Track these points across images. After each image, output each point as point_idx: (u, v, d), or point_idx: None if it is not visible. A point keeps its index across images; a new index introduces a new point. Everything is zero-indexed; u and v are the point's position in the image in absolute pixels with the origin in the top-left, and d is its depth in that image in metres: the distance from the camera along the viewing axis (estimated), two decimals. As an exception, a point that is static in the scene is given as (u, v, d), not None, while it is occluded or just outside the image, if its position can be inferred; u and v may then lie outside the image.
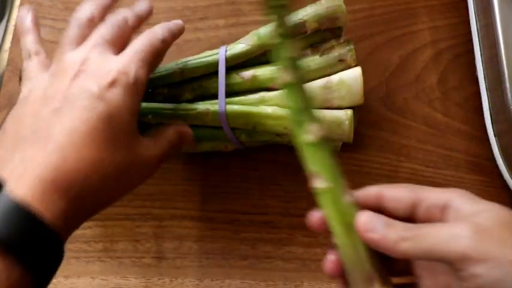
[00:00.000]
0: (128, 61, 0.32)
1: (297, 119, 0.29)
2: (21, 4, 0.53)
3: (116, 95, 0.30)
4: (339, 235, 0.28)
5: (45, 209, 0.26)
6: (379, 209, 0.29)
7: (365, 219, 0.28)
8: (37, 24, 0.38)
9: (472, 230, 0.25)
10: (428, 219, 0.28)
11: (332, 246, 0.29)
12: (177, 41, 0.50)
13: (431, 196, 0.28)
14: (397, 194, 0.29)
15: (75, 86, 0.30)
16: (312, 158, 0.29)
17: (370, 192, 0.30)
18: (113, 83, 0.30)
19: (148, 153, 0.32)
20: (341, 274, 0.29)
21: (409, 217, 0.29)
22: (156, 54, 0.34)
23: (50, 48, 0.51)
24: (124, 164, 0.30)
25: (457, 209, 0.27)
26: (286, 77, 0.28)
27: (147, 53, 0.33)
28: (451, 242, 0.25)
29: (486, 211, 0.27)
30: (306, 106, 0.29)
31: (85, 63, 0.32)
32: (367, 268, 0.28)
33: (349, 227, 0.28)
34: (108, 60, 0.32)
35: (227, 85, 0.41)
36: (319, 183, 0.29)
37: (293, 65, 0.29)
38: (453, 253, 0.25)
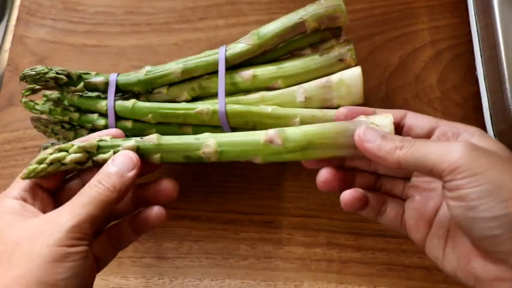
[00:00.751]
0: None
1: None
2: (21, 4, 0.53)
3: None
4: None
5: None
6: (400, 126, 0.33)
7: (362, 131, 0.31)
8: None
9: (467, 147, 0.27)
10: (443, 139, 0.31)
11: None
12: (177, 40, 0.50)
13: (450, 125, 0.32)
14: (421, 117, 0.33)
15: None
16: None
17: (398, 111, 0.34)
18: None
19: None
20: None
21: (427, 136, 0.32)
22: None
23: (50, 48, 0.52)
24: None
25: (468, 136, 0.30)
26: None
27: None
28: (445, 153, 0.27)
29: (490, 147, 0.29)
30: None
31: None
32: None
33: None
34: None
35: (227, 85, 0.41)
36: None
37: None
38: (445, 163, 0.27)
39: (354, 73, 0.39)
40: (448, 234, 0.31)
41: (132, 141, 0.34)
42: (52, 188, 0.34)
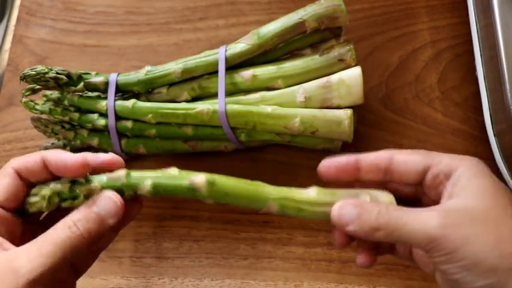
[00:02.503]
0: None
1: None
2: (21, 4, 0.53)
3: None
4: None
5: None
6: (387, 172, 0.30)
7: (337, 213, 0.29)
8: None
9: (440, 221, 0.26)
10: (434, 186, 0.29)
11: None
12: (177, 41, 0.50)
13: (441, 163, 0.29)
14: (409, 158, 0.30)
15: None
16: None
17: (382, 155, 0.31)
18: None
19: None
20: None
21: (419, 182, 0.30)
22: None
23: (50, 48, 0.52)
24: None
25: (456, 181, 0.28)
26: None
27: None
28: (419, 233, 0.27)
29: (476, 192, 0.28)
30: None
31: None
32: None
33: None
34: None
35: (227, 85, 0.41)
36: None
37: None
38: (422, 242, 0.27)
39: (354, 73, 0.39)
40: None
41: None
42: (16, 207, 0.30)
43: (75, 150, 0.45)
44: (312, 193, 0.31)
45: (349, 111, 0.39)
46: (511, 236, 0.26)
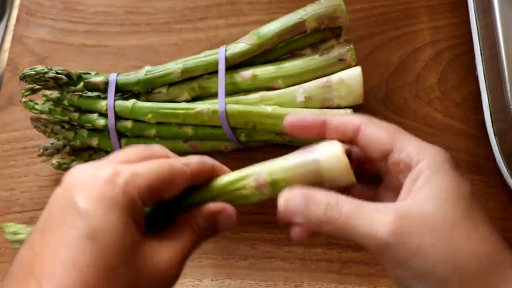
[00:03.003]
0: (124, 168, 0.26)
1: None
2: (21, 4, 0.53)
3: (97, 206, 0.25)
4: None
5: None
6: (353, 140, 0.29)
7: (283, 204, 0.27)
8: None
9: (393, 227, 0.25)
10: (394, 172, 0.28)
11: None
12: (177, 40, 0.50)
13: (404, 150, 0.27)
14: (375, 134, 0.28)
15: (61, 202, 0.26)
16: None
17: (352, 122, 0.29)
18: (96, 193, 0.25)
19: (159, 264, 0.26)
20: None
21: (381, 160, 0.29)
22: (169, 178, 0.28)
23: (50, 48, 0.52)
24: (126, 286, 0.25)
25: (415, 177, 0.27)
26: None
27: (157, 169, 0.27)
28: (369, 237, 0.25)
29: (434, 194, 0.26)
30: None
31: (76, 175, 0.27)
32: None
33: None
34: (103, 168, 0.27)
35: (227, 84, 0.41)
36: None
37: None
38: (371, 245, 0.25)
39: (354, 73, 0.39)
40: None
41: None
42: (167, 197, 0.28)
43: (75, 150, 0.45)
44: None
45: (349, 111, 0.39)
46: (466, 245, 0.25)
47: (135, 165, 0.27)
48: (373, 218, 0.25)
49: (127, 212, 0.25)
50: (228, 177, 0.30)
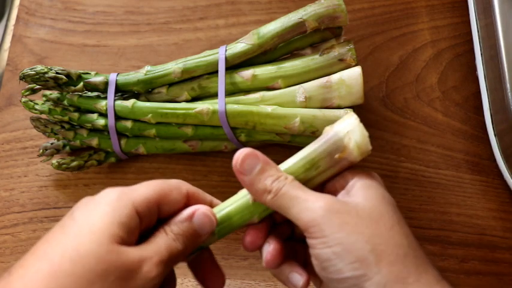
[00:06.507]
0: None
1: None
2: (20, 4, 0.53)
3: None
4: None
5: None
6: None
7: (241, 159, 0.30)
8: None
9: (325, 206, 0.28)
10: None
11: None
12: (177, 40, 0.50)
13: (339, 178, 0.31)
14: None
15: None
16: None
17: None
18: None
19: (133, 264, 0.26)
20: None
21: None
22: (164, 192, 0.29)
23: (50, 47, 0.52)
24: None
25: (349, 189, 0.30)
26: None
27: (151, 186, 0.29)
28: (303, 210, 0.28)
29: (366, 195, 0.29)
30: None
31: None
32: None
33: None
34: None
35: (227, 84, 0.40)
36: None
37: None
38: (302, 221, 0.28)
39: (354, 73, 0.39)
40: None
41: None
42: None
43: (74, 150, 0.45)
44: None
45: (349, 111, 0.39)
46: (387, 237, 0.27)
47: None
48: (311, 197, 0.28)
49: (112, 214, 0.26)
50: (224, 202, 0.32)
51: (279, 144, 0.43)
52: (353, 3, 0.49)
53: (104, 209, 0.27)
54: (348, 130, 0.30)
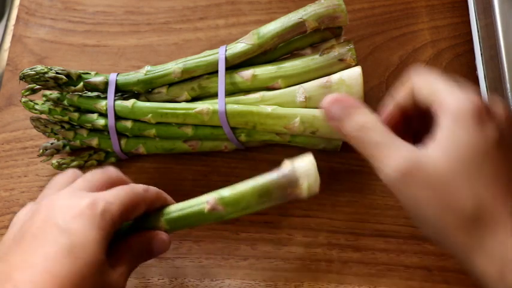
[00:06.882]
0: (100, 196, 0.31)
1: None
2: (20, 4, 0.53)
3: (79, 226, 0.29)
4: None
5: None
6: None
7: (329, 106, 0.31)
8: None
9: (396, 170, 0.27)
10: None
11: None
12: (177, 40, 0.50)
13: (435, 94, 0.29)
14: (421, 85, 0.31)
15: (41, 221, 0.30)
16: None
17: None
18: (78, 215, 0.30)
19: (113, 281, 0.30)
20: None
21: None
22: (134, 203, 0.33)
23: (50, 47, 0.52)
24: None
25: (439, 121, 0.28)
26: None
27: (125, 196, 0.32)
28: (379, 168, 0.29)
29: (449, 146, 0.27)
30: None
31: (55, 202, 0.31)
32: None
33: None
34: (81, 196, 0.31)
35: (227, 84, 0.41)
36: None
37: None
38: (379, 175, 0.29)
39: (354, 73, 0.39)
40: None
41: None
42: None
43: (74, 150, 0.45)
44: None
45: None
46: (459, 204, 0.26)
47: (104, 193, 0.31)
48: (390, 156, 0.28)
49: (102, 233, 0.30)
50: (182, 203, 0.35)
51: (279, 144, 0.43)
52: (353, 3, 0.49)
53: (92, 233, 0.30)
54: (305, 171, 0.33)
